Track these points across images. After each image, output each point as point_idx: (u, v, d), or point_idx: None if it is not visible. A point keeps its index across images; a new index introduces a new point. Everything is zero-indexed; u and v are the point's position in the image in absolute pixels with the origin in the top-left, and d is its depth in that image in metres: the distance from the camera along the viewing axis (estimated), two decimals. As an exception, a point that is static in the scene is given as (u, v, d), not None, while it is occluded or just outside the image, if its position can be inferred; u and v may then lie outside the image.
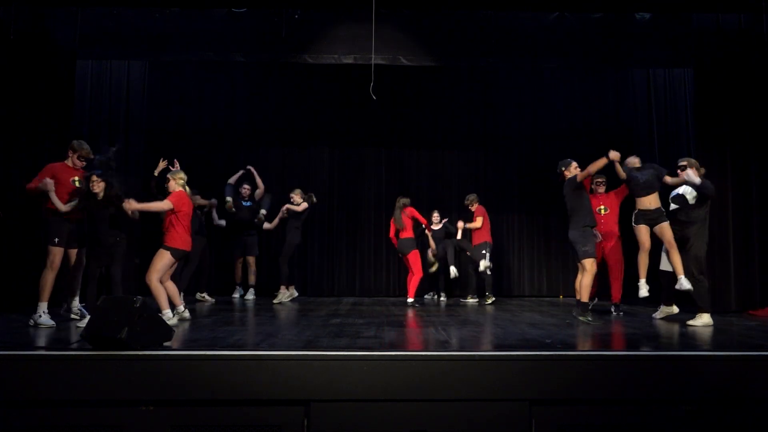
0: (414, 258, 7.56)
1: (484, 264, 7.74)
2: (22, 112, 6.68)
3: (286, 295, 7.78)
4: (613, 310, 6.41)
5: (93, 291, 5.29)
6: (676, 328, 5.33)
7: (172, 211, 5.36)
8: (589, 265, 5.60)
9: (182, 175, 5.65)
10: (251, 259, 8.20)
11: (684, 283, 5.45)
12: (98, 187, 5.32)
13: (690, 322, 5.41)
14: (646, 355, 3.89)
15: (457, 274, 8.19)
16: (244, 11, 7.14)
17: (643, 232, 5.83)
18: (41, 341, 4.50)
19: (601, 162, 5.59)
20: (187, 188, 5.63)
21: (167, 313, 5.28)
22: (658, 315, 5.98)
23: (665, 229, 5.70)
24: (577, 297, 5.75)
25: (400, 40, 7.16)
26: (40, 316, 5.20)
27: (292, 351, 3.83)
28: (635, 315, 6.35)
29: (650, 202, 5.82)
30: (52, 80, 6.92)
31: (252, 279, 8.20)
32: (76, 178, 5.52)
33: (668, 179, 5.94)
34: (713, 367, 3.77)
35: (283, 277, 7.81)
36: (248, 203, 8.18)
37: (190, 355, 3.75)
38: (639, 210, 5.89)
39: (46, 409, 3.59)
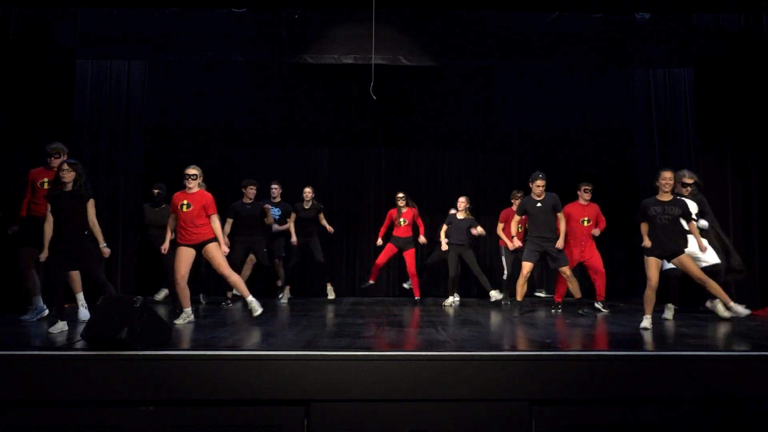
0: (409, 256, 7.61)
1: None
2: (22, 112, 6.67)
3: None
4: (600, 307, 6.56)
5: (60, 296, 4.93)
6: (676, 327, 5.33)
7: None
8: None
9: None
10: (277, 261, 8.09)
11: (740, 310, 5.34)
12: (68, 176, 4.92)
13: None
14: (646, 355, 3.90)
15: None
16: (244, 11, 7.13)
17: (653, 266, 5.16)
18: (41, 341, 4.50)
19: None
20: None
21: (251, 300, 5.40)
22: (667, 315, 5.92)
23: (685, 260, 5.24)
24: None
25: (400, 40, 7.14)
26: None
27: (292, 351, 3.83)
28: (633, 314, 6.34)
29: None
30: (52, 80, 6.90)
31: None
32: (45, 180, 5.59)
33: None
34: (713, 367, 3.77)
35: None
36: (276, 208, 8.03)
37: (190, 355, 3.75)
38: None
39: (46, 409, 3.59)
